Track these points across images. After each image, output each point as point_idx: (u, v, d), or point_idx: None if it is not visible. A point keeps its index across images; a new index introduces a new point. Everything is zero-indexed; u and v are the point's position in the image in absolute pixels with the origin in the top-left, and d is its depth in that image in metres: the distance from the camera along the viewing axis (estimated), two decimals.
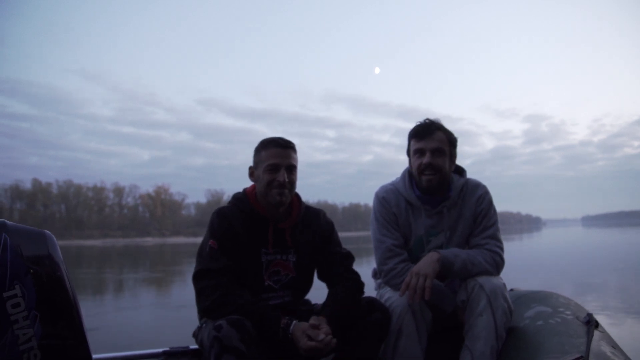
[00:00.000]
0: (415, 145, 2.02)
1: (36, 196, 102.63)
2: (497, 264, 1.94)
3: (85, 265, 19.83)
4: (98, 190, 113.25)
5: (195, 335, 1.79)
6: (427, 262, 1.85)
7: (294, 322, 1.65)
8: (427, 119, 2.05)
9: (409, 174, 2.10)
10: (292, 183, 1.86)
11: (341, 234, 2.09)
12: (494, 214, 2.06)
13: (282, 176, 1.81)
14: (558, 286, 8.19)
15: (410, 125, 2.07)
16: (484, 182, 2.11)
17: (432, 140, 1.97)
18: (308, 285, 1.99)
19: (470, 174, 2.12)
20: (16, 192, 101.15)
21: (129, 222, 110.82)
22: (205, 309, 1.70)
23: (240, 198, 1.91)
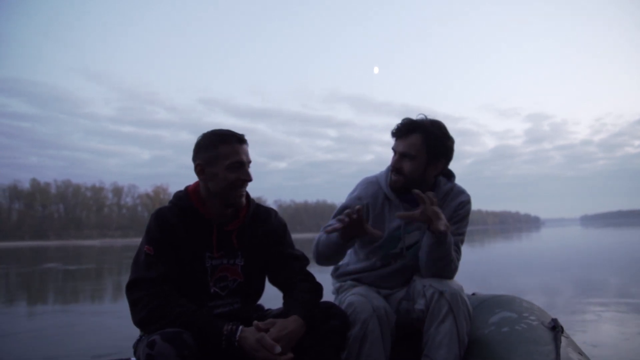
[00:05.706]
0: (393, 143, 1.99)
1: (34, 196, 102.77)
2: (456, 268, 1.93)
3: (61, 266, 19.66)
4: (97, 190, 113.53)
5: (135, 347, 1.64)
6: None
7: (240, 327, 1.49)
8: (407, 118, 1.96)
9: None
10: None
11: None
12: (466, 225, 2.04)
13: (248, 174, 1.68)
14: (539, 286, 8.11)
15: None
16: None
17: (402, 143, 1.92)
18: (259, 290, 1.85)
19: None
20: (14, 192, 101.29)
21: (127, 222, 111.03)
22: (140, 322, 1.53)
23: (181, 197, 1.74)
